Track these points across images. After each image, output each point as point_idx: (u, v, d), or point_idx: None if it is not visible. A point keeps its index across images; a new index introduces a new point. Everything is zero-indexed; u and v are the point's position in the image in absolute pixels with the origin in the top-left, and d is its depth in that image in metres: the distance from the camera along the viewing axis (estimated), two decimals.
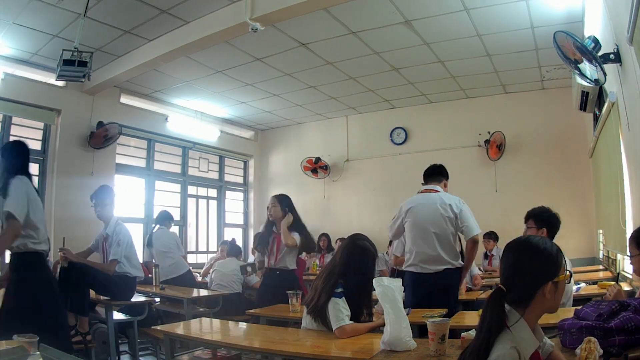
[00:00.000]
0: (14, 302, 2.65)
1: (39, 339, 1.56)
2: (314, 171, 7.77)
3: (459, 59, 5.39)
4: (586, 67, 2.93)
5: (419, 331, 2.30)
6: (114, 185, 5.98)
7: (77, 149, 5.73)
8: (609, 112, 3.35)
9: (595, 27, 3.44)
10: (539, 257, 1.22)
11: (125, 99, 6.38)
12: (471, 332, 1.88)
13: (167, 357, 2.50)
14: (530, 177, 6.27)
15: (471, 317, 2.51)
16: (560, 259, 1.23)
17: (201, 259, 7.46)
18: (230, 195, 8.42)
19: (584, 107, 4.25)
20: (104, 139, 5.79)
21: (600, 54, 2.75)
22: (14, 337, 1.57)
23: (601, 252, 4.90)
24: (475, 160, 6.63)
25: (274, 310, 3.10)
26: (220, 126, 7.82)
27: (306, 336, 2.24)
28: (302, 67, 5.63)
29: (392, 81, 6.14)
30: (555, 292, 1.21)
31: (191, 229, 7.59)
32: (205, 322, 2.86)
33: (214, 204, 8.08)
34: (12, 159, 2.82)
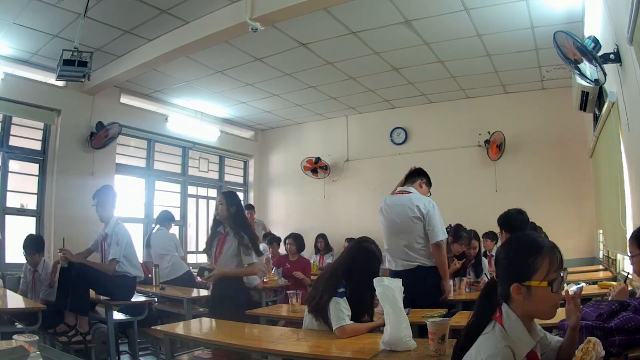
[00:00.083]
0: None
1: (38, 338, 1.56)
2: (314, 171, 7.77)
3: (459, 59, 5.39)
4: (586, 67, 2.93)
5: (419, 331, 2.30)
6: (114, 185, 5.98)
7: (77, 149, 5.73)
8: (609, 112, 3.35)
9: (595, 27, 3.44)
10: (511, 255, 1.23)
11: (125, 99, 6.38)
12: None
13: (167, 357, 2.50)
14: (530, 177, 6.27)
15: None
16: (535, 263, 1.16)
17: (201, 259, 7.46)
18: None
19: (584, 107, 4.25)
20: (105, 139, 5.80)
21: (600, 54, 2.75)
22: (13, 337, 1.57)
23: (601, 252, 4.90)
24: (475, 160, 6.63)
25: (274, 310, 3.10)
26: (220, 126, 7.82)
27: (306, 336, 2.24)
28: (302, 67, 5.63)
29: (392, 81, 6.14)
30: (529, 296, 1.15)
31: (191, 229, 7.60)
32: (205, 322, 2.86)
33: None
34: None
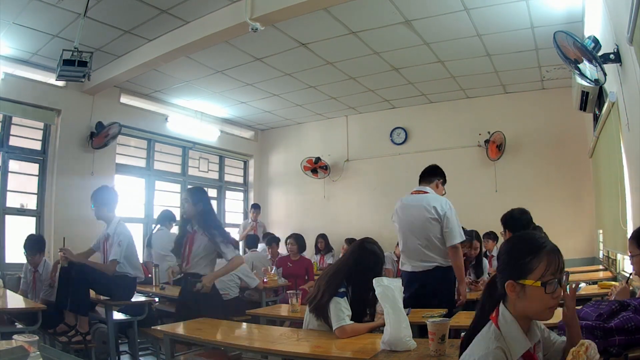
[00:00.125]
0: None
1: (38, 338, 1.56)
2: (314, 171, 7.77)
3: (459, 59, 5.39)
4: (586, 67, 2.93)
5: (419, 331, 2.30)
6: (114, 185, 5.97)
7: (77, 149, 5.73)
8: (609, 112, 3.35)
9: (595, 27, 3.44)
10: (510, 253, 1.25)
11: (125, 99, 6.38)
12: None
13: (167, 357, 2.50)
14: (530, 177, 6.27)
15: (471, 317, 2.50)
16: (531, 263, 1.15)
17: None
18: (230, 195, 8.42)
19: (584, 107, 4.25)
20: (105, 139, 5.80)
21: (600, 54, 2.75)
22: (13, 337, 1.57)
23: (601, 252, 4.90)
24: (475, 160, 6.63)
25: (274, 310, 3.10)
26: (220, 126, 7.81)
27: (306, 336, 2.24)
28: (302, 67, 5.63)
29: (392, 81, 6.14)
30: (523, 294, 1.15)
31: None
32: (205, 322, 2.85)
33: (214, 204, 8.01)
34: None
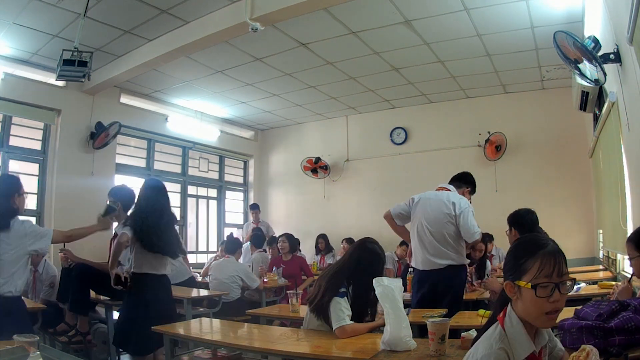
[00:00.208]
0: None
1: (38, 338, 1.56)
2: (314, 171, 7.77)
3: (459, 59, 5.39)
4: (586, 67, 2.94)
5: (419, 331, 2.30)
6: (114, 185, 5.96)
7: (77, 149, 5.73)
8: (609, 112, 3.35)
9: (595, 27, 3.44)
10: (511, 253, 1.25)
11: (125, 99, 6.38)
12: (471, 332, 1.88)
13: (167, 357, 2.50)
14: (530, 177, 6.27)
15: (471, 317, 2.51)
16: (526, 264, 1.16)
17: (201, 258, 7.46)
18: (230, 195, 8.42)
19: (584, 107, 4.25)
20: (106, 138, 5.80)
21: (600, 54, 2.75)
22: (13, 337, 1.57)
23: (601, 252, 4.90)
24: (475, 160, 6.62)
25: (274, 310, 3.10)
26: (220, 126, 7.82)
27: (306, 336, 2.24)
28: (302, 67, 5.63)
29: (392, 81, 6.14)
30: (520, 296, 1.16)
31: (191, 229, 7.59)
32: (205, 322, 2.86)
33: (214, 204, 8.08)
34: None
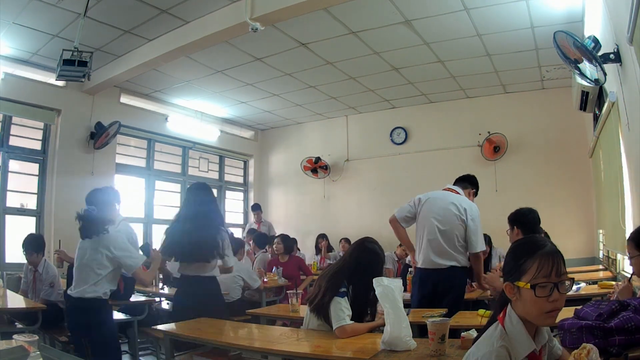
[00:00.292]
0: None
1: (38, 338, 1.56)
2: (314, 171, 7.77)
3: (459, 59, 5.39)
4: (586, 67, 2.94)
5: (419, 331, 2.30)
6: (114, 185, 5.97)
7: (77, 149, 5.74)
8: (609, 112, 3.35)
9: (595, 27, 3.44)
10: (510, 254, 1.25)
11: (125, 99, 6.39)
12: (471, 331, 1.88)
13: (167, 357, 2.50)
14: (530, 177, 6.27)
15: (471, 317, 2.51)
16: (525, 264, 1.16)
17: None
18: (230, 195, 8.42)
19: (584, 107, 4.25)
20: (107, 137, 5.80)
21: (600, 53, 2.75)
22: (13, 337, 1.57)
23: (601, 252, 4.90)
24: (475, 160, 6.62)
25: (274, 310, 3.10)
26: (220, 126, 7.82)
27: (306, 336, 2.24)
28: (302, 67, 5.63)
29: (392, 81, 6.14)
30: (519, 297, 1.17)
31: None
32: (205, 322, 2.85)
33: None
34: None
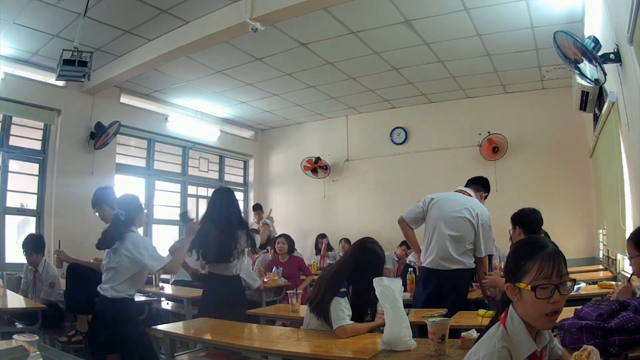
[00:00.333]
0: None
1: (38, 338, 1.56)
2: (314, 171, 7.76)
3: (459, 59, 5.39)
4: (586, 67, 2.93)
5: (419, 331, 2.30)
6: (114, 185, 5.97)
7: (77, 149, 5.73)
8: (609, 112, 3.35)
9: (595, 27, 3.44)
10: (511, 254, 1.26)
11: (125, 99, 6.38)
12: (471, 331, 1.88)
13: (167, 357, 2.50)
14: (530, 177, 6.27)
15: (471, 317, 2.51)
16: (526, 266, 1.16)
17: None
18: None
19: (584, 107, 4.25)
20: (107, 137, 5.80)
21: (600, 54, 2.75)
22: (13, 337, 1.57)
23: (601, 252, 4.90)
24: (475, 160, 6.62)
25: (274, 310, 3.10)
26: (220, 126, 7.82)
27: (306, 336, 2.24)
28: (302, 67, 5.63)
29: (392, 81, 6.14)
30: (520, 298, 1.16)
31: None
32: (205, 322, 2.86)
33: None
34: None
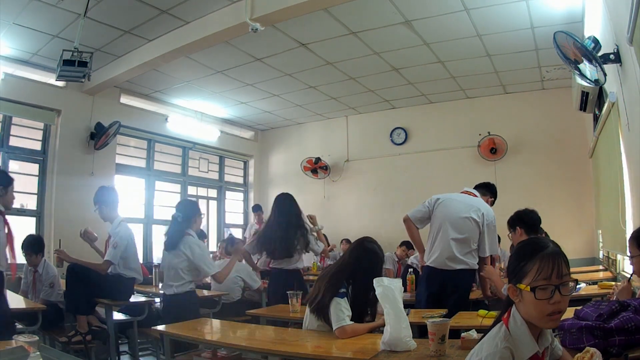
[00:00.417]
0: None
1: (38, 338, 1.56)
2: (314, 171, 7.77)
3: (459, 59, 5.39)
4: (586, 67, 2.93)
5: (419, 331, 2.30)
6: (114, 185, 5.97)
7: (77, 149, 5.73)
8: (609, 112, 3.35)
9: (595, 27, 3.44)
10: (513, 254, 1.25)
11: (125, 99, 6.39)
12: (471, 332, 1.88)
13: (167, 357, 2.50)
14: (530, 177, 6.27)
15: (471, 317, 2.51)
16: (526, 267, 1.16)
17: None
18: (230, 195, 8.42)
19: (584, 107, 4.25)
20: (107, 137, 5.80)
21: (600, 54, 2.75)
22: (13, 337, 1.57)
23: (601, 252, 4.90)
24: (475, 160, 6.62)
25: (274, 310, 3.10)
26: (220, 126, 7.82)
27: (307, 336, 2.24)
28: (302, 67, 5.63)
29: (392, 81, 6.14)
30: (522, 298, 1.16)
31: None
32: (205, 322, 2.86)
33: (214, 204, 8.08)
34: None
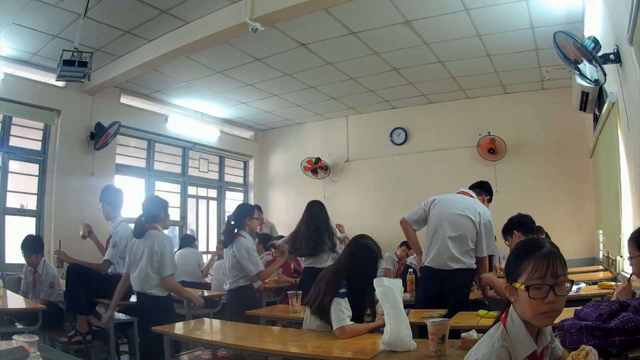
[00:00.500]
0: None
1: (38, 338, 1.56)
2: (314, 171, 7.76)
3: (459, 59, 5.39)
4: (586, 67, 2.93)
5: (419, 331, 2.30)
6: (114, 185, 5.96)
7: (77, 149, 5.73)
8: (609, 112, 3.35)
9: (595, 27, 3.44)
10: (511, 254, 1.26)
11: (125, 99, 6.38)
12: (471, 332, 1.88)
13: (167, 357, 2.50)
14: (530, 177, 6.27)
15: (471, 317, 2.51)
16: (521, 266, 1.16)
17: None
18: (230, 195, 8.41)
19: (584, 107, 4.25)
20: (107, 138, 5.80)
21: (600, 54, 2.75)
22: (13, 337, 1.57)
23: (601, 253, 4.90)
24: (475, 160, 6.62)
25: (274, 310, 3.10)
26: (220, 126, 7.81)
27: (307, 336, 2.25)
28: (302, 68, 5.63)
29: (392, 81, 6.14)
30: (517, 297, 1.17)
31: (191, 229, 7.59)
32: (205, 322, 2.86)
33: (214, 204, 8.08)
34: None
